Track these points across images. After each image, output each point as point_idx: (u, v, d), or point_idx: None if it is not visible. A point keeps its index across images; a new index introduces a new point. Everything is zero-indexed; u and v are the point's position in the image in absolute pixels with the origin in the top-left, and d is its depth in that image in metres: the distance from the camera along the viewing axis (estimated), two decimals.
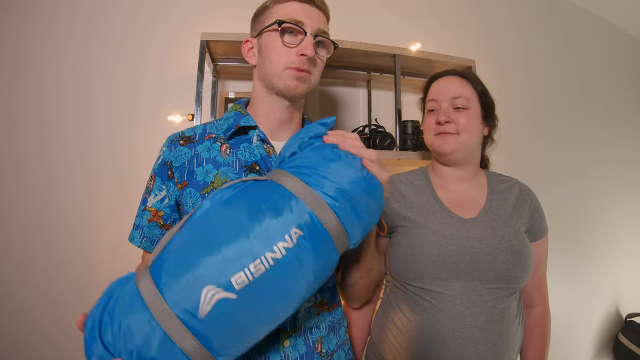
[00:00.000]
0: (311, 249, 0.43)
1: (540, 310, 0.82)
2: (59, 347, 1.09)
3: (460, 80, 0.82)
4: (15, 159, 1.11)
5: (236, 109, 0.68)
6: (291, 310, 0.46)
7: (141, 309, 0.41)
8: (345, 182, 0.46)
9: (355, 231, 0.48)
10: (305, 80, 0.63)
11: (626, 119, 2.15)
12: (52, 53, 1.16)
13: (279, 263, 0.42)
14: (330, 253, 0.46)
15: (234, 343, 0.43)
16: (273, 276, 0.41)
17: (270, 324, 0.45)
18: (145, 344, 0.40)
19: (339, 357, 0.65)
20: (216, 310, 0.40)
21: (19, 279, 1.09)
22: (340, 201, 0.45)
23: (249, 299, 0.41)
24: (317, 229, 0.44)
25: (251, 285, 0.41)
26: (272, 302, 0.43)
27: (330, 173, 0.46)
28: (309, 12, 0.62)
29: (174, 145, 0.64)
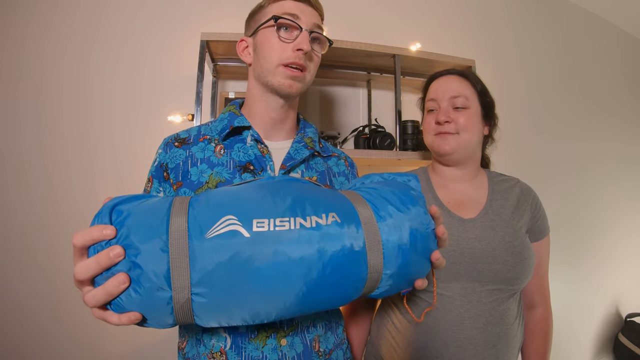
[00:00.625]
0: (341, 256, 0.42)
1: (542, 311, 0.81)
2: (59, 347, 1.09)
3: (459, 79, 0.81)
4: (15, 159, 1.11)
5: (230, 110, 0.69)
6: (279, 297, 0.41)
7: (163, 218, 0.39)
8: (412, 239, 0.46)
9: (385, 286, 0.47)
10: (300, 79, 0.63)
11: (626, 118, 2.15)
12: (52, 53, 1.16)
13: (302, 232, 0.41)
14: (354, 284, 0.45)
15: (216, 297, 0.39)
16: (289, 242, 0.40)
17: (256, 302, 0.40)
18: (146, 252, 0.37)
19: (337, 356, 0.65)
20: (222, 239, 0.38)
21: (19, 279, 1.09)
22: (397, 259, 0.45)
23: (257, 247, 0.39)
24: (358, 261, 0.44)
25: (266, 235, 0.39)
26: (273, 270, 0.40)
27: (402, 219, 0.46)
28: (303, 8, 0.63)
29: (169, 147, 0.65)
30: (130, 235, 0.38)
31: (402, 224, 0.46)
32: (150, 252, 0.37)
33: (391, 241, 0.45)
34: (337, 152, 0.77)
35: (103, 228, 0.38)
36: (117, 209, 0.40)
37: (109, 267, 0.37)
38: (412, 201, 0.48)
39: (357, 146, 1.26)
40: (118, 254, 0.37)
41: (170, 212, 0.40)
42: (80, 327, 1.11)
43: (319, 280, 0.41)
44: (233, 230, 0.39)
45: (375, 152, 1.16)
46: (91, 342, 1.12)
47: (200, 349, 0.58)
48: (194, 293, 0.38)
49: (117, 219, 0.39)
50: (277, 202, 0.42)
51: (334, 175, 0.71)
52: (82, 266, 0.38)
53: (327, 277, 0.42)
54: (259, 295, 0.40)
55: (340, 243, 0.42)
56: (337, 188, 0.70)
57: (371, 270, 0.44)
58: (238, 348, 0.56)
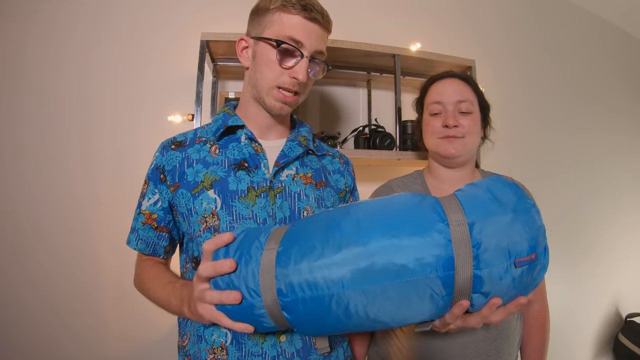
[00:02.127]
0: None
1: (539, 306, 0.83)
2: (60, 347, 1.10)
3: (463, 83, 0.82)
4: (15, 158, 1.11)
5: (224, 110, 0.70)
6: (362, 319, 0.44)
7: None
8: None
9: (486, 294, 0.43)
10: (292, 103, 0.65)
11: (626, 115, 2.14)
12: (53, 53, 1.16)
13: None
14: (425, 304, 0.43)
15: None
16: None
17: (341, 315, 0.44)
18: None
19: (337, 354, 0.65)
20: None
21: (20, 279, 1.09)
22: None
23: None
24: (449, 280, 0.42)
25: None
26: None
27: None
28: (310, 30, 0.61)
29: (165, 151, 0.66)
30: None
31: (496, 222, 0.42)
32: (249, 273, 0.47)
33: (482, 239, 0.42)
34: (332, 152, 0.78)
35: (223, 235, 0.50)
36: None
37: (222, 274, 0.47)
38: (510, 199, 0.44)
39: (357, 146, 1.26)
40: (230, 266, 0.47)
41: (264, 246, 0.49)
42: (81, 326, 1.11)
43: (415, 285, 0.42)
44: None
45: (375, 152, 1.16)
46: (92, 340, 1.12)
47: (201, 345, 0.59)
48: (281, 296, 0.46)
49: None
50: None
51: (329, 173, 0.73)
52: (203, 267, 0.49)
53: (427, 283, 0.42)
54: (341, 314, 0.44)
55: (427, 250, 0.41)
56: (332, 185, 0.71)
57: (458, 267, 0.41)
58: (238, 343, 0.57)
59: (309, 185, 0.66)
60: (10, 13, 1.13)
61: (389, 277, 0.41)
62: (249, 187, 0.62)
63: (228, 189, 0.61)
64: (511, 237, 0.42)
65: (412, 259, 0.41)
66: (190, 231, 0.62)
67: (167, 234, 0.67)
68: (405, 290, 0.41)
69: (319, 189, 0.68)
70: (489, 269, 0.41)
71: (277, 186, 0.63)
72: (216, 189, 0.61)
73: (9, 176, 1.10)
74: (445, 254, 0.41)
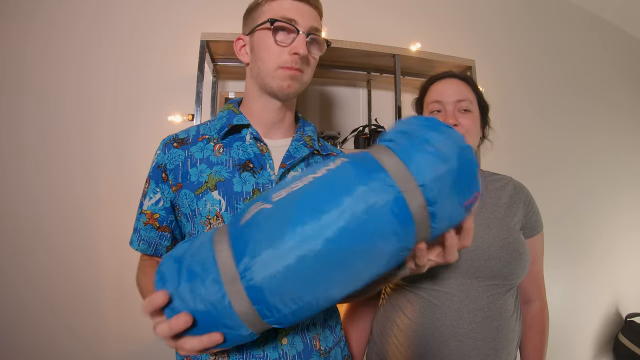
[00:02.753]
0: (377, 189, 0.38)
1: (538, 306, 0.83)
2: (60, 346, 1.10)
3: (463, 83, 0.83)
4: (16, 158, 1.11)
5: (229, 108, 0.68)
6: (324, 257, 0.38)
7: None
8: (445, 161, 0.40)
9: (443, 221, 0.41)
10: (298, 78, 0.63)
11: (626, 113, 2.15)
12: (53, 53, 1.16)
13: (317, 179, 0.41)
14: (395, 226, 0.39)
15: (261, 260, 0.39)
16: (309, 189, 0.41)
17: (313, 263, 0.38)
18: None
19: (336, 354, 0.65)
20: (252, 219, 0.41)
21: (19, 279, 1.09)
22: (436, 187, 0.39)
23: (281, 208, 0.40)
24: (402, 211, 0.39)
25: (286, 197, 0.41)
26: (306, 223, 0.38)
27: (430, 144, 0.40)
28: (301, 9, 0.62)
29: (167, 148, 0.64)
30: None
31: (431, 146, 0.40)
32: (202, 263, 0.41)
33: (423, 168, 0.40)
34: (336, 152, 0.77)
35: (155, 298, 0.42)
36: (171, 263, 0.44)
37: (180, 332, 0.41)
38: (433, 125, 0.43)
39: (357, 146, 1.27)
40: (185, 322, 0.41)
41: (214, 235, 0.44)
42: (81, 325, 1.11)
43: (350, 226, 0.38)
44: (258, 209, 0.42)
45: None
46: (92, 340, 1.12)
47: None
48: (243, 278, 0.39)
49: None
50: (293, 179, 0.44)
51: None
52: (160, 329, 0.43)
53: (359, 222, 0.38)
54: (306, 259, 0.38)
55: (363, 184, 0.39)
56: None
57: (414, 210, 0.39)
58: (239, 346, 0.56)
59: None
60: (10, 13, 1.13)
61: (352, 239, 0.38)
62: (254, 188, 0.60)
63: (233, 191, 0.60)
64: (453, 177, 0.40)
65: (362, 210, 0.38)
66: (193, 232, 0.61)
67: (170, 234, 0.66)
68: (371, 242, 0.39)
69: None
70: (438, 205, 0.40)
71: None
72: (220, 190, 0.60)
73: (9, 176, 1.10)
74: (393, 195, 0.39)
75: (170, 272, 0.42)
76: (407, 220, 0.39)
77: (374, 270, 0.41)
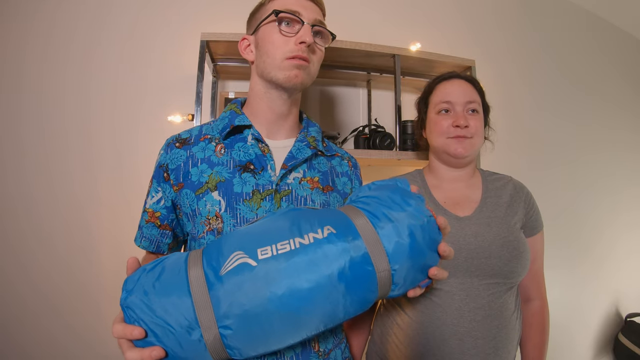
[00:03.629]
0: (347, 268, 0.44)
1: (538, 304, 0.83)
2: (60, 346, 1.10)
3: (470, 85, 0.84)
4: (15, 158, 1.11)
5: (231, 108, 0.68)
6: (299, 316, 0.43)
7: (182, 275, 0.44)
8: (412, 232, 0.46)
9: (399, 282, 0.47)
10: (305, 68, 0.63)
11: (628, 113, 2.14)
12: (53, 53, 1.16)
13: (303, 247, 0.43)
14: (368, 288, 0.46)
15: (241, 327, 0.42)
16: (292, 259, 0.43)
17: (279, 325, 0.43)
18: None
19: (336, 356, 0.65)
20: (234, 273, 0.42)
21: (20, 279, 1.09)
22: (401, 256, 0.46)
23: (266, 270, 0.42)
24: (363, 267, 0.45)
25: (272, 259, 0.43)
26: (286, 292, 0.42)
27: (398, 217, 0.47)
28: (304, 4, 0.63)
29: (170, 148, 0.65)
30: (154, 306, 0.43)
31: (399, 221, 0.46)
32: (178, 303, 0.42)
33: (392, 240, 0.46)
34: (341, 153, 0.77)
35: (132, 329, 0.43)
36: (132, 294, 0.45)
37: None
38: (404, 199, 0.49)
39: (357, 146, 1.27)
40: (137, 337, 0.42)
41: (188, 264, 0.45)
42: (81, 325, 1.12)
43: (328, 286, 0.43)
44: (241, 263, 0.43)
45: (375, 152, 1.16)
46: (92, 340, 1.12)
47: None
48: (220, 326, 0.42)
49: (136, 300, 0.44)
50: (277, 228, 0.46)
51: (337, 176, 0.71)
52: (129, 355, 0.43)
53: (336, 283, 0.43)
54: (279, 317, 0.43)
55: (344, 256, 0.44)
56: (339, 188, 0.70)
57: (379, 270, 0.45)
58: None
59: (315, 189, 0.65)
60: (10, 13, 1.13)
61: (323, 300, 0.43)
62: (254, 189, 0.60)
63: (233, 191, 0.60)
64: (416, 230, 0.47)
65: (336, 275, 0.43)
66: (194, 232, 0.62)
67: (171, 232, 0.67)
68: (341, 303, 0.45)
69: (326, 193, 0.66)
70: (404, 266, 0.46)
71: (283, 189, 0.62)
72: (221, 191, 0.60)
73: (8, 176, 1.10)
74: (358, 254, 0.45)
75: (142, 307, 0.43)
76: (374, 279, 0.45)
77: (341, 317, 0.47)
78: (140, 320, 0.42)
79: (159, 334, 0.42)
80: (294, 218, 0.47)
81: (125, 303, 0.43)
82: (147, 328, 0.42)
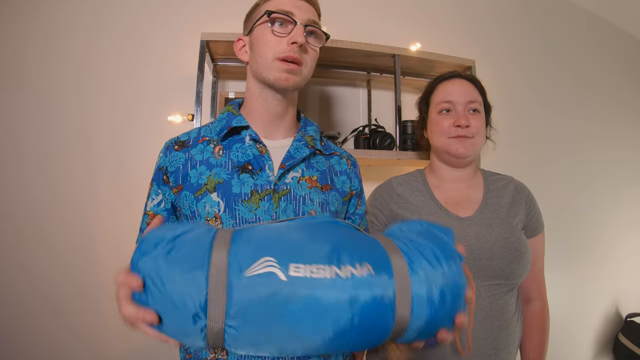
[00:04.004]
0: (371, 306, 0.43)
1: (539, 305, 0.83)
2: (60, 345, 1.10)
3: (471, 84, 0.84)
4: (15, 157, 1.11)
5: (229, 110, 0.69)
6: (306, 338, 0.42)
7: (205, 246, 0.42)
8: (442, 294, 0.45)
9: (409, 336, 0.47)
10: (296, 72, 0.63)
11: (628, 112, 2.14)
12: (53, 53, 1.16)
13: (337, 281, 0.42)
14: (380, 333, 0.45)
15: (247, 331, 0.41)
16: (323, 288, 0.41)
17: (284, 340, 0.42)
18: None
19: (337, 354, 0.65)
20: (259, 278, 0.40)
21: (20, 279, 1.09)
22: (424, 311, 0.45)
23: (292, 290, 0.41)
24: (387, 312, 0.44)
25: (302, 280, 0.41)
26: (305, 314, 0.41)
27: (435, 275, 0.45)
28: (298, 4, 0.63)
29: (169, 151, 0.65)
30: (173, 266, 0.41)
31: (435, 279, 0.45)
32: (192, 281, 0.40)
33: (421, 295, 0.44)
34: (339, 151, 0.77)
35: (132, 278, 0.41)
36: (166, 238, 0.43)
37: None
38: (447, 258, 0.48)
39: (357, 146, 1.27)
40: (137, 286, 0.40)
41: (213, 246, 0.42)
42: (82, 325, 1.12)
43: (347, 328, 0.42)
44: (270, 272, 0.41)
45: (375, 152, 1.16)
46: (92, 339, 1.12)
47: None
48: (227, 325, 0.40)
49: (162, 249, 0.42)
50: (315, 248, 0.44)
51: (335, 174, 0.71)
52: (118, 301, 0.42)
53: (355, 326, 0.43)
54: (288, 334, 0.42)
55: (372, 293, 0.43)
56: (338, 187, 0.70)
57: (398, 321, 0.44)
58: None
59: (314, 189, 0.65)
60: (10, 12, 1.13)
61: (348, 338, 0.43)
62: (252, 190, 0.61)
63: (231, 192, 0.60)
64: (446, 294, 0.45)
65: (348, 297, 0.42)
66: None
67: None
68: (353, 335, 0.44)
69: (324, 192, 0.66)
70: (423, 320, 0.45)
71: (281, 189, 0.62)
72: (219, 192, 0.60)
73: (8, 176, 1.10)
74: (387, 300, 0.43)
75: (151, 274, 0.40)
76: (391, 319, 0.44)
77: (341, 350, 0.46)
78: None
79: (161, 306, 0.40)
80: (335, 243, 0.45)
81: (137, 266, 0.41)
82: (149, 294, 0.40)
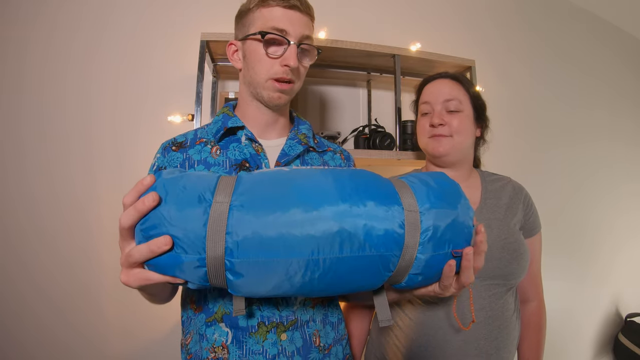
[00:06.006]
0: (381, 237, 0.43)
1: (536, 305, 0.84)
2: (62, 344, 1.10)
3: (452, 83, 0.82)
4: (16, 157, 1.12)
5: (224, 111, 0.70)
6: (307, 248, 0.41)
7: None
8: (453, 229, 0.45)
9: (415, 272, 0.47)
10: (288, 91, 0.65)
11: (629, 114, 2.14)
12: (54, 53, 1.16)
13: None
14: (386, 263, 0.44)
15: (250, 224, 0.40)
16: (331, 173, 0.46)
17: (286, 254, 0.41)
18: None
19: (337, 351, 0.66)
20: (265, 177, 0.45)
21: (21, 278, 1.09)
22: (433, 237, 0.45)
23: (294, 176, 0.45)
24: (395, 243, 0.44)
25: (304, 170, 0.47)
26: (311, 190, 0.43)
27: (444, 211, 0.46)
28: (292, 18, 0.62)
29: (166, 152, 0.66)
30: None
31: (443, 216, 0.45)
32: (205, 176, 0.44)
33: (430, 227, 0.44)
34: (333, 147, 0.78)
35: (143, 179, 0.42)
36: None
37: (146, 213, 0.40)
38: (455, 197, 0.48)
39: (357, 146, 1.27)
40: (153, 199, 0.40)
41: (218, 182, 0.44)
42: (83, 323, 1.12)
43: (354, 256, 0.42)
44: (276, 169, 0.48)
45: (375, 152, 1.16)
46: (94, 338, 1.12)
47: (203, 344, 0.59)
48: (232, 205, 0.41)
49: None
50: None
51: None
52: (124, 215, 0.41)
53: (363, 255, 0.43)
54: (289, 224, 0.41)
55: (382, 225, 0.43)
56: None
57: (405, 250, 0.44)
58: (239, 342, 0.58)
59: None
60: (12, 14, 1.14)
61: (347, 249, 0.42)
62: None
63: None
64: (453, 230, 0.46)
65: (361, 226, 0.42)
66: None
67: None
68: (357, 264, 0.43)
69: None
70: (428, 255, 0.45)
71: None
72: None
73: (10, 177, 1.10)
74: (396, 233, 0.43)
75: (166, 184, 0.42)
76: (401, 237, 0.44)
77: (357, 281, 0.46)
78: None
79: (172, 196, 0.41)
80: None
81: (159, 175, 0.44)
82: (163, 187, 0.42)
